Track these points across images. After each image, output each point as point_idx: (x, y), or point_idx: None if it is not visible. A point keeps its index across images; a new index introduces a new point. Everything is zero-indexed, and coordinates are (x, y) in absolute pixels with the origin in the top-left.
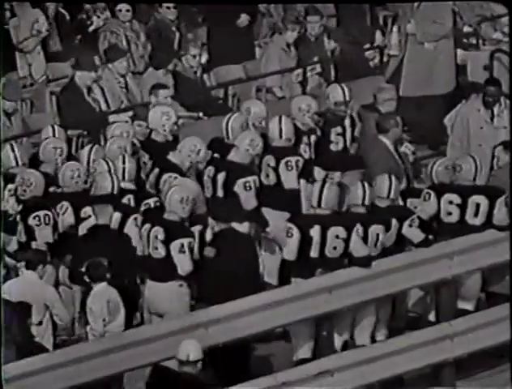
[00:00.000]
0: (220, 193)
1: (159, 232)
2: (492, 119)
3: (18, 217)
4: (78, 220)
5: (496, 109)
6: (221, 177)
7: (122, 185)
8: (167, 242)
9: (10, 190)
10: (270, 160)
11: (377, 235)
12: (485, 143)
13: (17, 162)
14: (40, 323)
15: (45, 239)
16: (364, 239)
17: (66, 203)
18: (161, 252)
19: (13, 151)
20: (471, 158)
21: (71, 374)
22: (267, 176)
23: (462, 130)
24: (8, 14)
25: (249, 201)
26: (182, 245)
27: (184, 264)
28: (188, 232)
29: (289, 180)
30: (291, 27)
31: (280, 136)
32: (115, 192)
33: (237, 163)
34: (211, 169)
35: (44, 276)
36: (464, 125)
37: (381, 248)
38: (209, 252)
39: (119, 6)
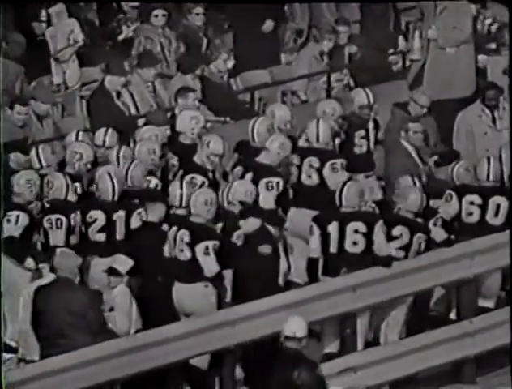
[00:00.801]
0: None
1: (185, 234)
2: (494, 123)
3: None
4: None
5: (496, 113)
6: (249, 177)
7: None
8: (192, 245)
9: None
10: (313, 161)
11: (420, 244)
12: (491, 147)
13: (41, 164)
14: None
15: (56, 242)
16: (408, 245)
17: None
18: (187, 254)
19: (37, 153)
20: (486, 158)
21: (91, 374)
22: (309, 176)
23: (467, 138)
24: (44, 25)
25: (267, 200)
26: (207, 248)
27: (209, 266)
28: (213, 235)
29: (335, 182)
30: (327, 37)
31: (317, 139)
32: (116, 194)
33: (265, 164)
34: (239, 169)
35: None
36: (468, 132)
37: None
38: (265, 249)
39: (155, 12)
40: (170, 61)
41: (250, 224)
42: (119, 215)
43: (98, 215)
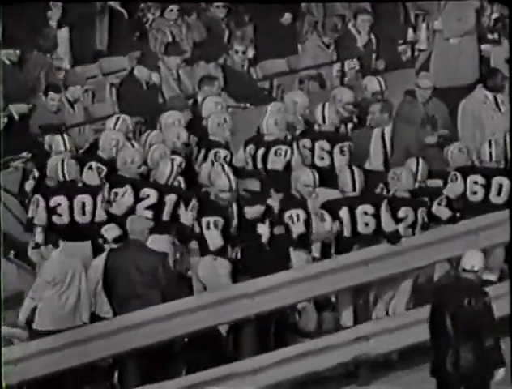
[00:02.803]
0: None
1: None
2: (497, 106)
3: None
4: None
5: (499, 97)
6: (261, 152)
7: None
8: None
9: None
10: (323, 144)
11: (423, 218)
12: (498, 130)
13: (66, 148)
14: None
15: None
16: (415, 219)
17: (127, 187)
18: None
19: (63, 138)
20: (488, 141)
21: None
22: (322, 159)
23: (474, 123)
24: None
25: (275, 164)
26: (208, 223)
27: (213, 240)
28: (218, 212)
29: (342, 164)
30: (329, 35)
31: (324, 121)
32: (172, 177)
33: (272, 140)
34: (251, 147)
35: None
36: (476, 118)
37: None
38: (279, 230)
39: (171, 7)
40: (186, 50)
41: (254, 211)
42: (170, 198)
43: (151, 193)
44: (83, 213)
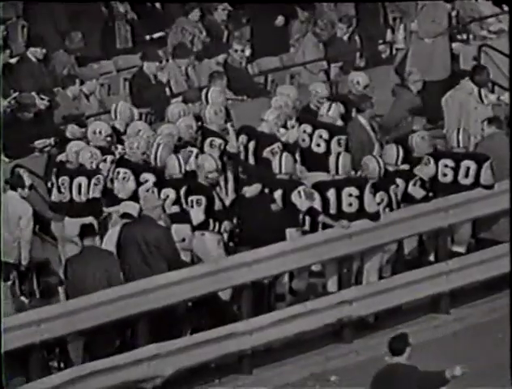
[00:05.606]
0: (251, 159)
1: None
2: (481, 98)
3: None
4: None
5: (483, 91)
6: (252, 145)
7: None
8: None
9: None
10: (322, 133)
11: (396, 194)
12: (480, 118)
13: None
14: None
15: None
16: (389, 200)
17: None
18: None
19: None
20: (456, 129)
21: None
22: (318, 145)
23: (460, 112)
24: None
25: (276, 164)
26: (192, 201)
27: (195, 216)
28: (201, 191)
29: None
30: (320, 33)
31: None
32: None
33: (265, 133)
34: (244, 137)
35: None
36: (462, 106)
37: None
38: (276, 207)
39: (195, 10)
40: (197, 49)
41: (252, 189)
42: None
43: (149, 178)
44: (79, 193)
